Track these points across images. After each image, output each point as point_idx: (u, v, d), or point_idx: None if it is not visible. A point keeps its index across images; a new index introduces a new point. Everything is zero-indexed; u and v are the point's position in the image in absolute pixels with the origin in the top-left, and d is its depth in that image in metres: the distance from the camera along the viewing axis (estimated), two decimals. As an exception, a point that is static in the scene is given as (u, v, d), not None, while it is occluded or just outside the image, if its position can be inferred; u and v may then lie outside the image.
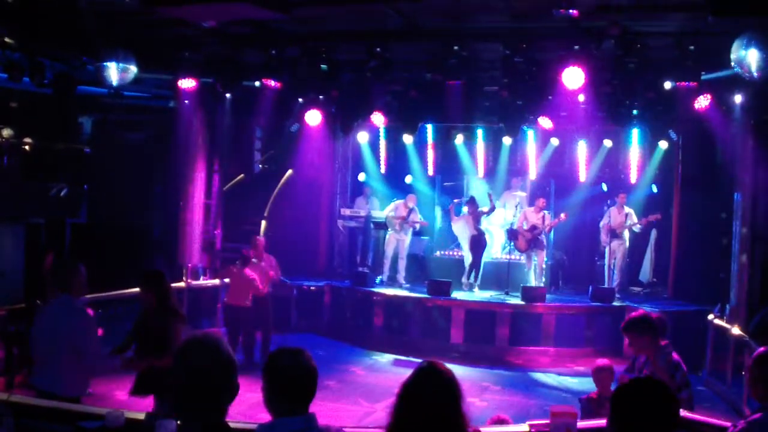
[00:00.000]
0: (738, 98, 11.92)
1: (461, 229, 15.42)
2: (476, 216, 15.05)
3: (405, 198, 15.65)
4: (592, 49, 11.01)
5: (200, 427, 2.90)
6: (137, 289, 6.82)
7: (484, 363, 12.75)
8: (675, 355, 5.93)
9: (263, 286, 11.99)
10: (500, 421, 5.66)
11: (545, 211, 15.16)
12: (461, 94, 12.56)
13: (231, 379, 2.99)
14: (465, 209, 15.27)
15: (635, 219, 14.88)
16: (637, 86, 11.68)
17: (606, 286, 14.63)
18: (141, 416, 4.27)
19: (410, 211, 15.38)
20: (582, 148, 16.21)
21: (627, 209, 14.97)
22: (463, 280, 14.98)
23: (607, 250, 15.01)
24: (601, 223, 15.21)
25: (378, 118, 14.15)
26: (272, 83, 12.78)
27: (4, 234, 13.42)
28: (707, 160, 14.14)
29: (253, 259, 12.10)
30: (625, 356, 9.84)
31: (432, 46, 12.23)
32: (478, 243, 15.05)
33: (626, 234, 14.96)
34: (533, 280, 14.74)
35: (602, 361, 6.85)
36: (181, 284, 13.48)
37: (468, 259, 15.22)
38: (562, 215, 15.09)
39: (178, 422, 3.02)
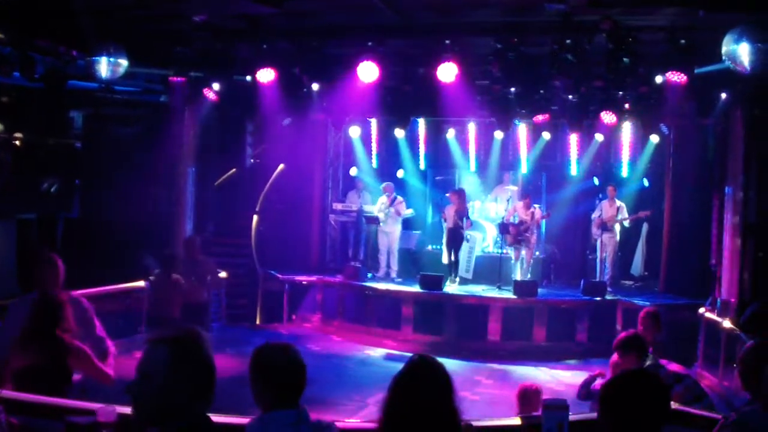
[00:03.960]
0: (729, 92, 11.95)
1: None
2: (461, 210, 14.81)
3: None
4: (584, 44, 11.02)
5: (185, 426, 2.70)
6: (130, 284, 6.56)
7: (477, 357, 12.79)
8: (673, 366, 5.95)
9: (196, 292, 10.60)
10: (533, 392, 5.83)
11: (535, 205, 15.17)
12: (453, 88, 12.53)
13: (212, 377, 2.76)
14: (451, 209, 14.87)
15: (626, 213, 14.92)
16: (628, 80, 11.69)
17: (597, 279, 14.67)
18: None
19: (388, 197, 15.53)
20: (573, 142, 16.23)
21: (618, 203, 14.99)
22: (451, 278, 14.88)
23: (598, 243, 15.04)
24: (593, 216, 15.25)
25: (369, 113, 14.12)
26: (263, 78, 12.74)
27: (-5, 230, 13.36)
28: (698, 154, 14.19)
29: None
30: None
31: (424, 40, 12.22)
32: (453, 238, 14.85)
33: (617, 227, 14.99)
34: (519, 274, 14.74)
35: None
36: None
37: (444, 255, 15.13)
38: (545, 214, 15.11)
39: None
